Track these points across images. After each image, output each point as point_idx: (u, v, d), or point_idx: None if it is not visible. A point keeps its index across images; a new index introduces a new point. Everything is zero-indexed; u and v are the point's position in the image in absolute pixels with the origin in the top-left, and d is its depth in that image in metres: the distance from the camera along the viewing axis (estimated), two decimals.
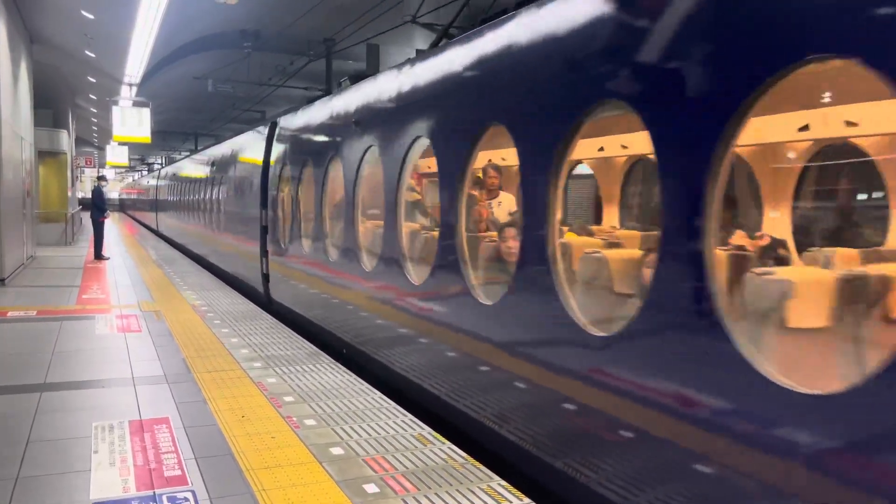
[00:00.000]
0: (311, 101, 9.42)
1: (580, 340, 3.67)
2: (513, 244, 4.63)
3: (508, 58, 4.57)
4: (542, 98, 4.18)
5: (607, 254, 4.68)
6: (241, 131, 14.37)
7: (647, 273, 3.38)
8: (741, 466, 2.81)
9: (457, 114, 5.20)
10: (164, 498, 3.53)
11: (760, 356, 2.77)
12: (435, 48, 5.90)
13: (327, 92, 12.64)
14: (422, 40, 16.45)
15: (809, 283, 3.54)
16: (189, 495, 3.56)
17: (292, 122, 9.56)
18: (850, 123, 4.40)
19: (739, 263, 3.75)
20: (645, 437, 3.31)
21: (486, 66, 4.86)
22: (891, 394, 2.28)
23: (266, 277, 10.41)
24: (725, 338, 2.83)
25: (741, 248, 4.09)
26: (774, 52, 2.70)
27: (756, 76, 2.75)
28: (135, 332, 7.70)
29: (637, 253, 4.55)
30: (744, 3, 2.88)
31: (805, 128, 4.67)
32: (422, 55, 6.04)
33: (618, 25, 3.57)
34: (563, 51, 4.01)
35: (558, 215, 4.04)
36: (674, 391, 3.09)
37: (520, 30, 4.45)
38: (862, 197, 4.93)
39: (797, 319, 3.33)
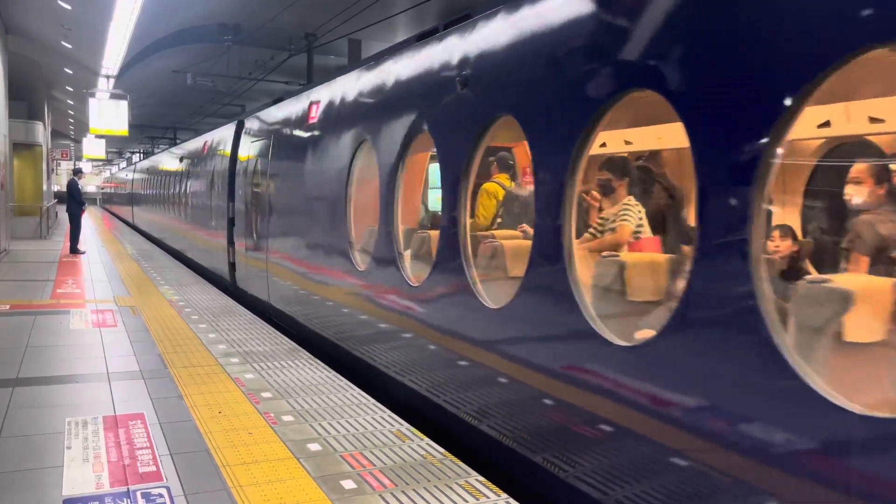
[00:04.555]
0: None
1: None
2: None
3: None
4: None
5: None
6: (221, 126, 13.90)
7: None
8: None
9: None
10: (139, 494, 3.48)
11: None
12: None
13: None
14: (403, 35, 16.41)
15: None
16: (164, 491, 3.52)
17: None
18: None
19: None
20: None
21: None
22: None
23: None
24: None
25: None
26: None
27: None
28: (110, 328, 7.61)
29: None
30: None
31: None
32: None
33: None
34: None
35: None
36: None
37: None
38: None
39: None
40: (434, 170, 6.55)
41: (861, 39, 2.49)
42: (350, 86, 7.15)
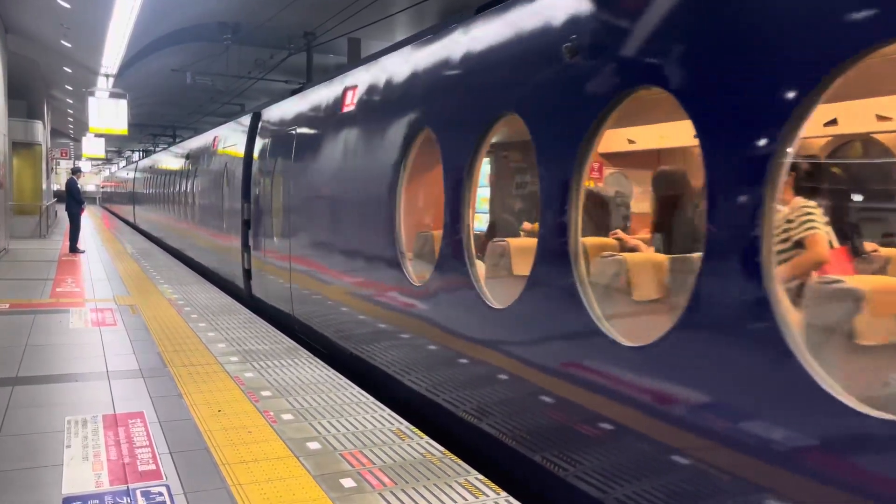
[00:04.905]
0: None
1: None
2: None
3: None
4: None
5: None
6: (219, 125, 13.88)
7: None
8: None
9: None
10: (138, 492, 3.48)
11: None
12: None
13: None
14: (402, 34, 16.40)
15: None
16: (163, 490, 3.52)
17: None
18: None
19: None
20: None
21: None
22: None
23: None
24: None
25: None
26: None
27: None
28: (110, 326, 7.60)
29: None
30: None
31: None
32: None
33: None
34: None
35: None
36: None
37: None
38: None
39: None
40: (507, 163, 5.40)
41: None
42: (401, 66, 5.83)
